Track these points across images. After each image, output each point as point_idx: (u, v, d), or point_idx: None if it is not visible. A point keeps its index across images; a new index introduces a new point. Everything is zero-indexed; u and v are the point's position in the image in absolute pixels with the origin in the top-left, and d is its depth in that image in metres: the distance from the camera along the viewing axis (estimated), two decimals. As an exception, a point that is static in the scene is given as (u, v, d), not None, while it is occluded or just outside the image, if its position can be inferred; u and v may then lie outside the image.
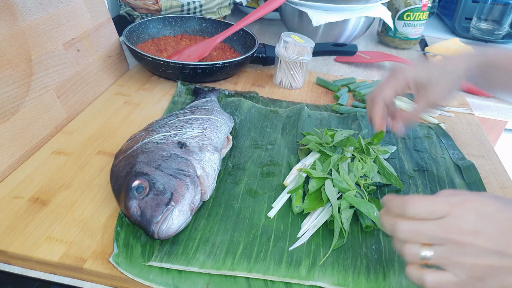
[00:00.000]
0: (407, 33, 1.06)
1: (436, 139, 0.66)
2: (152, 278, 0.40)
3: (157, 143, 0.49)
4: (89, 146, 0.58)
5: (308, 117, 0.68)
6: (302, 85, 0.81)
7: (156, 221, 0.40)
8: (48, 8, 0.61)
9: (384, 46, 1.12)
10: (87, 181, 0.51)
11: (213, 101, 0.66)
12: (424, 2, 1.01)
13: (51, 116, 0.60)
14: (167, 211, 0.41)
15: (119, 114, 0.66)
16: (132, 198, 0.42)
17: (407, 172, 0.58)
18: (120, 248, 0.42)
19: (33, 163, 0.53)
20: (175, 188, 0.43)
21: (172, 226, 0.41)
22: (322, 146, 0.55)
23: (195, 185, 0.45)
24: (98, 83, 0.71)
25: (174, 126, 0.53)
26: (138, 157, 0.46)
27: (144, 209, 0.41)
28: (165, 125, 0.54)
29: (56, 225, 0.45)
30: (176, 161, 0.46)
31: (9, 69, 0.53)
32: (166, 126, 0.53)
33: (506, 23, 1.14)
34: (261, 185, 0.53)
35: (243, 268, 0.41)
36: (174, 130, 0.52)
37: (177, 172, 0.45)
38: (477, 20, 1.17)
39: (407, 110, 0.75)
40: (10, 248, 0.41)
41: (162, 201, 0.41)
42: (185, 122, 0.54)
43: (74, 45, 0.66)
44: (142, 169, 0.44)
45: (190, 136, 0.52)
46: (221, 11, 1.02)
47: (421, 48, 1.13)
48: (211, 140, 0.53)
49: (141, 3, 0.92)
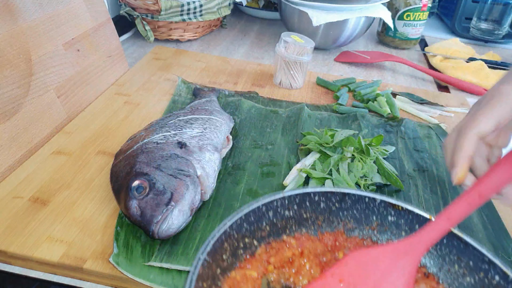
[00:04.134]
0: (407, 33, 1.06)
1: (436, 139, 0.66)
2: (152, 278, 0.40)
3: (157, 143, 0.49)
4: (89, 146, 0.58)
5: (308, 117, 0.68)
6: (302, 85, 0.81)
7: (156, 221, 0.40)
8: (48, 8, 0.61)
9: (384, 46, 1.12)
10: (87, 181, 0.51)
11: (213, 101, 0.66)
12: (424, 2, 1.01)
13: (51, 116, 0.60)
14: (167, 211, 0.41)
15: (119, 114, 0.66)
16: (132, 198, 0.42)
17: (407, 172, 0.58)
18: (120, 248, 0.42)
19: (33, 163, 0.53)
20: (175, 188, 0.43)
21: (172, 226, 0.41)
22: (322, 146, 0.55)
23: (195, 185, 0.45)
24: (98, 83, 0.71)
25: (174, 126, 0.53)
26: (138, 157, 0.46)
27: (144, 209, 0.41)
28: (165, 125, 0.54)
29: (56, 225, 0.45)
30: (176, 161, 0.46)
31: (9, 69, 0.53)
32: (166, 126, 0.53)
33: (506, 23, 1.15)
34: (261, 185, 0.53)
35: (243, 268, 0.41)
36: (174, 130, 0.52)
37: (177, 172, 0.45)
38: (477, 20, 1.17)
39: (408, 111, 0.75)
40: (10, 248, 0.41)
41: (162, 201, 0.41)
42: (185, 122, 0.55)
43: (74, 45, 0.66)
44: (142, 169, 0.44)
45: (190, 136, 0.52)
46: (221, 11, 1.02)
47: (421, 48, 1.13)
48: (211, 140, 0.53)
49: (141, 3, 0.92)
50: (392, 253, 0.34)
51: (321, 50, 1.05)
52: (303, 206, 0.37)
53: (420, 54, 1.09)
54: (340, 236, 0.38)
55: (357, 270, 0.34)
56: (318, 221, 0.38)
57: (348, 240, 0.39)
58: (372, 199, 0.38)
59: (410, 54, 1.08)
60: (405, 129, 0.68)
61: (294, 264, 0.35)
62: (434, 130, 0.69)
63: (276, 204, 0.36)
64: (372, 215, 0.39)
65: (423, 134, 0.67)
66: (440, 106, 0.77)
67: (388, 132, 0.67)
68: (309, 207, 0.37)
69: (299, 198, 0.37)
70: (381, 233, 0.39)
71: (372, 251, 0.35)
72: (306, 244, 0.37)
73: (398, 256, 0.34)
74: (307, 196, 0.37)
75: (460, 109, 0.77)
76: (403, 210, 0.38)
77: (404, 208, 0.38)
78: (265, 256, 0.35)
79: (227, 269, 0.32)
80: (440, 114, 0.75)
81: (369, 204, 0.38)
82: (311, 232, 0.38)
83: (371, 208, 0.38)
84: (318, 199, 0.37)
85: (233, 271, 0.33)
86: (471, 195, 0.35)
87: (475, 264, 0.36)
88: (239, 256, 0.34)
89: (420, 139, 0.66)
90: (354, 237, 0.39)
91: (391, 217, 0.38)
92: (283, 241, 0.37)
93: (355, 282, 0.33)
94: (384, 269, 0.34)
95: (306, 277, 0.35)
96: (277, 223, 0.36)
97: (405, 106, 0.76)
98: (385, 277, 0.33)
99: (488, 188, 0.36)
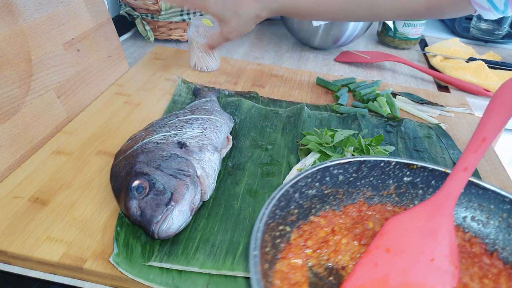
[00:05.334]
0: (407, 33, 1.06)
1: (436, 139, 0.66)
2: (152, 278, 0.40)
3: (157, 143, 0.49)
4: (89, 146, 0.58)
5: (308, 117, 0.68)
6: (217, 67, 0.85)
7: (156, 221, 0.40)
8: (48, 8, 0.61)
9: (384, 46, 1.12)
10: (87, 181, 0.51)
11: (213, 101, 0.66)
12: (424, 2, 1.01)
13: (51, 116, 0.60)
14: (167, 211, 0.41)
15: (119, 114, 0.66)
16: (132, 198, 0.42)
17: (407, 172, 0.58)
18: (120, 248, 0.42)
19: (33, 163, 0.53)
20: (175, 188, 0.43)
21: (172, 226, 0.41)
22: (322, 146, 0.55)
23: (195, 185, 0.45)
24: (98, 83, 0.71)
25: (174, 126, 0.53)
26: (138, 157, 0.46)
27: (144, 209, 0.41)
28: (165, 125, 0.54)
29: (56, 225, 0.45)
30: (176, 161, 0.46)
31: (9, 69, 0.53)
32: (166, 126, 0.53)
33: (506, 23, 1.15)
34: (261, 185, 0.53)
35: (243, 268, 0.41)
36: (174, 130, 0.52)
37: (177, 172, 0.45)
38: (477, 20, 1.17)
39: (408, 111, 0.75)
40: (10, 248, 0.41)
41: (162, 201, 0.41)
42: (185, 122, 0.55)
43: (74, 45, 0.66)
44: (142, 169, 0.44)
45: (190, 136, 0.52)
46: (221, 11, 1.02)
47: (421, 48, 1.13)
48: (211, 140, 0.53)
49: (141, 3, 0.92)
50: (425, 212, 0.35)
51: (321, 50, 1.05)
52: (324, 182, 0.37)
53: (420, 54, 1.09)
54: (362, 206, 0.39)
55: (399, 237, 0.34)
56: (339, 195, 0.39)
57: (370, 209, 0.39)
58: (387, 162, 0.39)
59: (410, 54, 1.09)
60: (405, 129, 0.68)
61: (329, 243, 0.35)
62: (434, 130, 0.69)
63: (300, 183, 0.36)
64: (388, 179, 0.39)
65: (423, 134, 0.67)
66: (440, 106, 0.77)
67: (388, 132, 0.67)
68: (329, 181, 0.38)
69: (320, 173, 0.37)
70: (399, 195, 0.40)
71: (405, 216, 0.35)
72: (334, 220, 0.37)
73: (431, 215, 0.35)
74: (327, 170, 0.37)
75: (460, 109, 0.77)
76: (418, 168, 0.39)
77: (419, 165, 0.39)
78: (301, 241, 0.35)
79: (272, 262, 0.32)
80: (440, 114, 0.75)
81: (384, 169, 0.39)
82: (335, 207, 0.39)
83: (387, 172, 0.39)
84: (337, 172, 0.38)
85: (278, 263, 0.32)
86: (476, 141, 0.37)
87: (497, 207, 0.37)
88: (278, 246, 0.33)
89: (420, 139, 0.66)
90: (375, 204, 0.40)
91: (407, 178, 0.40)
92: (312, 222, 0.37)
93: (402, 248, 0.33)
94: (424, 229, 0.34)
95: (346, 253, 0.35)
96: (303, 204, 0.36)
97: (405, 106, 0.76)
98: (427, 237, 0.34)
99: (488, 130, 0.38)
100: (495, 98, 0.40)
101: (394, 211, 0.40)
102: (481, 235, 0.38)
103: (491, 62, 0.99)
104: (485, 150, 0.37)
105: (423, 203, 0.36)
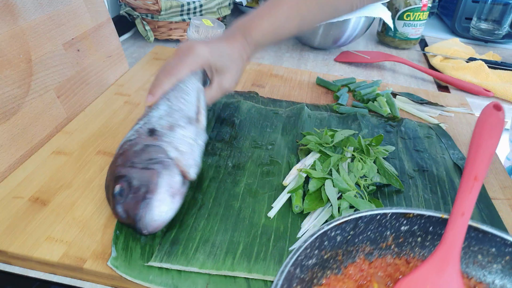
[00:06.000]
0: (407, 33, 1.06)
1: (436, 139, 0.66)
2: (152, 279, 0.40)
3: (131, 140, 0.48)
4: (89, 146, 0.58)
5: (308, 117, 0.68)
6: None
7: (139, 218, 0.40)
8: (48, 8, 0.61)
9: (384, 46, 1.12)
10: (87, 181, 0.51)
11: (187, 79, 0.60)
12: (424, 2, 1.01)
13: (51, 116, 0.60)
14: (145, 205, 0.41)
15: (119, 114, 0.66)
16: (117, 203, 0.42)
17: (407, 172, 0.58)
18: (119, 251, 0.42)
19: (33, 163, 0.53)
20: (148, 180, 0.42)
21: (155, 217, 0.41)
22: (322, 146, 0.55)
23: (169, 169, 0.44)
24: (98, 83, 0.71)
25: (142, 116, 0.51)
26: (117, 162, 0.46)
27: (127, 210, 0.41)
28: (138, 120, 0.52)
29: (56, 225, 0.45)
30: (146, 152, 0.45)
31: (9, 69, 0.53)
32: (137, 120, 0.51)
33: (506, 23, 1.15)
34: (261, 185, 0.53)
35: (243, 268, 0.41)
36: (142, 120, 0.50)
37: (147, 163, 0.44)
38: (477, 20, 1.17)
39: (408, 111, 0.75)
40: (10, 248, 0.41)
41: (139, 197, 0.41)
42: (152, 108, 0.52)
43: (74, 45, 0.66)
44: (120, 172, 0.44)
45: (158, 118, 0.49)
46: (221, 11, 1.02)
47: (421, 48, 1.13)
48: (181, 111, 0.50)
49: (141, 3, 0.92)
50: (433, 269, 0.34)
51: (321, 50, 1.05)
52: (323, 247, 0.36)
53: (420, 54, 1.09)
54: (363, 264, 0.38)
55: None
56: (339, 256, 0.37)
57: (372, 265, 0.38)
58: (383, 215, 0.38)
59: (410, 54, 1.09)
60: (405, 129, 0.68)
61: None
62: (434, 130, 0.69)
63: (300, 258, 0.34)
64: (385, 230, 0.38)
65: (423, 134, 0.67)
66: (440, 106, 0.77)
67: (388, 132, 0.67)
68: (328, 245, 0.36)
69: (319, 240, 0.35)
70: (398, 245, 0.39)
71: (415, 276, 0.35)
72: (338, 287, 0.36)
73: (440, 270, 0.34)
74: (325, 235, 0.36)
75: (460, 109, 0.77)
76: (414, 216, 0.38)
77: (415, 214, 0.38)
78: None
79: None
80: (440, 114, 0.75)
81: (381, 221, 0.38)
82: (336, 271, 0.37)
83: (383, 224, 0.38)
84: (334, 234, 0.37)
85: None
86: (468, 181, 0.36)
87: (498, 250, 0.36)
88: None
89: (420, 139, 0.66)
90: (375, 259, 0.39)
91: (404, 227, 0.39)
92: None
93: None
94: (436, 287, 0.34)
95: None
96: (305, 278, 0.35)
97: (405, 106, 0.76)
98: None
99: (478, 167, 0.37)
100: (479, 129, 0.39)
101: (396, 263, 0.39)
102: (486, 280, 0.37)
103: (491, 62, 0.99)
104: (479, 189, 0.36)
105: (428, 259, 0.35)
